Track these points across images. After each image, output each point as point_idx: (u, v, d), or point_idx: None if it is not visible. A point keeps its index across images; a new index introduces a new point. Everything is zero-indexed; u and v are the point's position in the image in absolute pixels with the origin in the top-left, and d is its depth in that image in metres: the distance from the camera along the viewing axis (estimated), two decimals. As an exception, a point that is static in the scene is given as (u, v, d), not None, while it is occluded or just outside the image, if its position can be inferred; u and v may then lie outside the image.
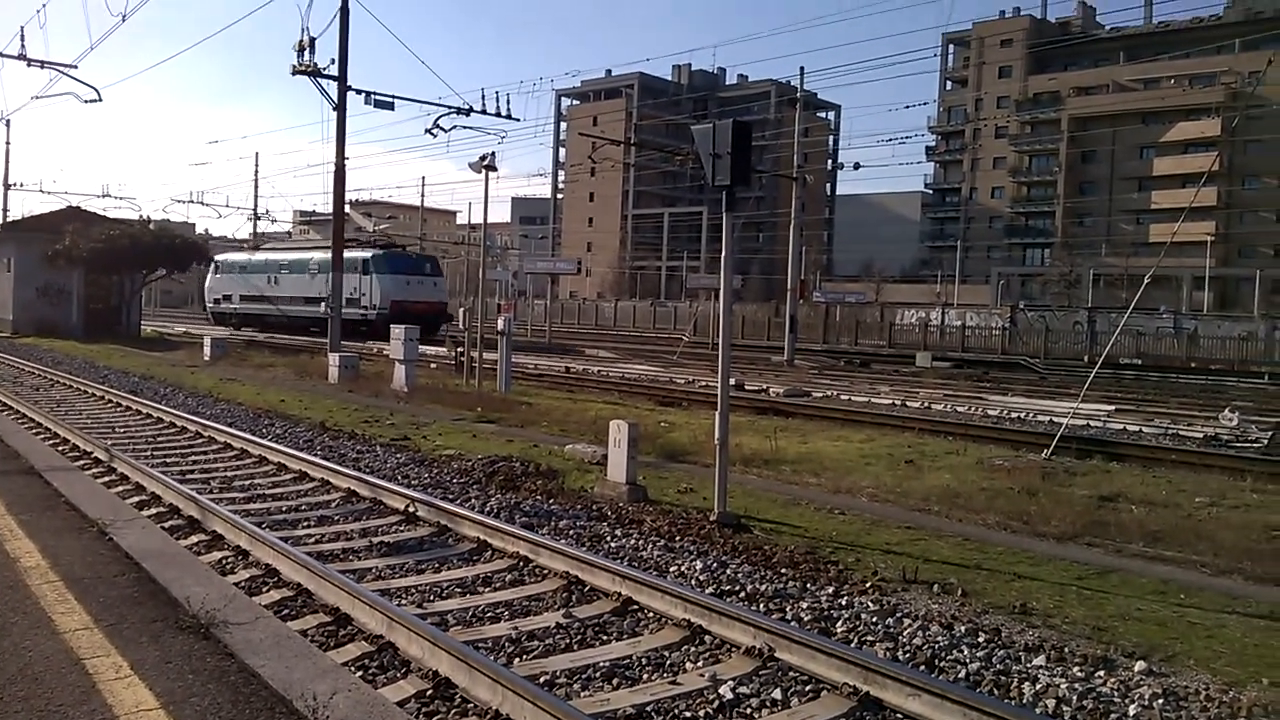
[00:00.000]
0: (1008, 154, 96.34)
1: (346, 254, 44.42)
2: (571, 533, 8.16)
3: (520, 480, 10.31)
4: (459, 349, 23.29)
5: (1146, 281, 13.73)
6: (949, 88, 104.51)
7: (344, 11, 23.80)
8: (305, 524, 8.39)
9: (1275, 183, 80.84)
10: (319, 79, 23.87)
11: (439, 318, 41.78)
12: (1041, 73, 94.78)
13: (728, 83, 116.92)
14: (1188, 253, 69.10)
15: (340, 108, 24.15)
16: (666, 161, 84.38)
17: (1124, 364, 34.53)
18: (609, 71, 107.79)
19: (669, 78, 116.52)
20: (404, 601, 6.25)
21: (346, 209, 40.21)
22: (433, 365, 25.23)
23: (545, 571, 6.98)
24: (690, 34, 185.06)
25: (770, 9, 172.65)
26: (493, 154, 21.21)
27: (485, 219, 22.27)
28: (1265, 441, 14.59)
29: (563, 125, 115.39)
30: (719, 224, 8.72)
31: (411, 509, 8.64)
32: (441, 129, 26.14)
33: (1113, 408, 19.52)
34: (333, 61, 23.94)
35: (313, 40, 23.53)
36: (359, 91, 24.64)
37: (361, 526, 8.32)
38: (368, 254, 42.07)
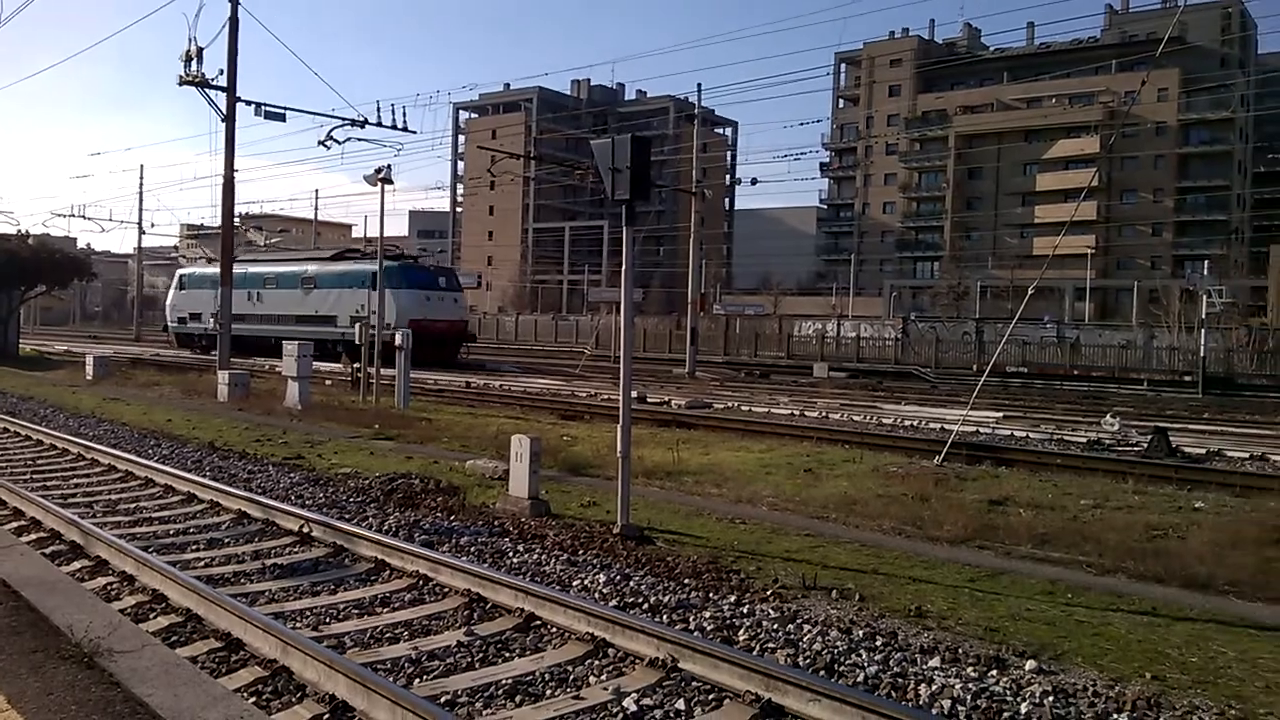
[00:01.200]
0: (898, 170, 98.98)
1: (351, 266, 38.43)
2: (473, 549, 8.06)
3: (420, 498, 10.15)
4: (354, 365, 22.89)
5: (1030, 292, 14.23)
6: (842, 105, 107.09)
7: (233, 21, 23.19)
8: (194, 547, 8.10)
9: (1150, 197, 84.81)
10: (207, 90, 23.21)
11: (461, 337, 37.04)
12: (929, 92, 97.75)
13: (627, 98, 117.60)
14: (1069, 265, 72.01)
15: (229, 119, 23.51)
16: (566, 176, 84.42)
17: (1011, 372, 35.72)
18: (507, 85, 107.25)
19: (568, 92, 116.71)
20: (299, 624, 6.07)
21: (236, 222, 39.01)
22: (328, 382, 24.69)
23: (446, 590, 6.87)
24: (589, 50, 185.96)
25: (668, 27, 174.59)
26: (389, 167, 20.89)
27: (381, 233, 21.90)
28: (1145, 445, 15.21)
29: (460, 138, 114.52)
30: (620, 238, 8.75)
31: (306, 529, 8.41)
32: (336, 141, 25.63)
33: (1001, 414, 20.16)
34: (221, 72, 23.29)
35: (200, 50, 22.86)
36: (248, 103, 23.99)
37: (254, 549, 8.07)
38: (372, 268, 37.65)
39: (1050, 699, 5.02)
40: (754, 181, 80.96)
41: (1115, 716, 4.85)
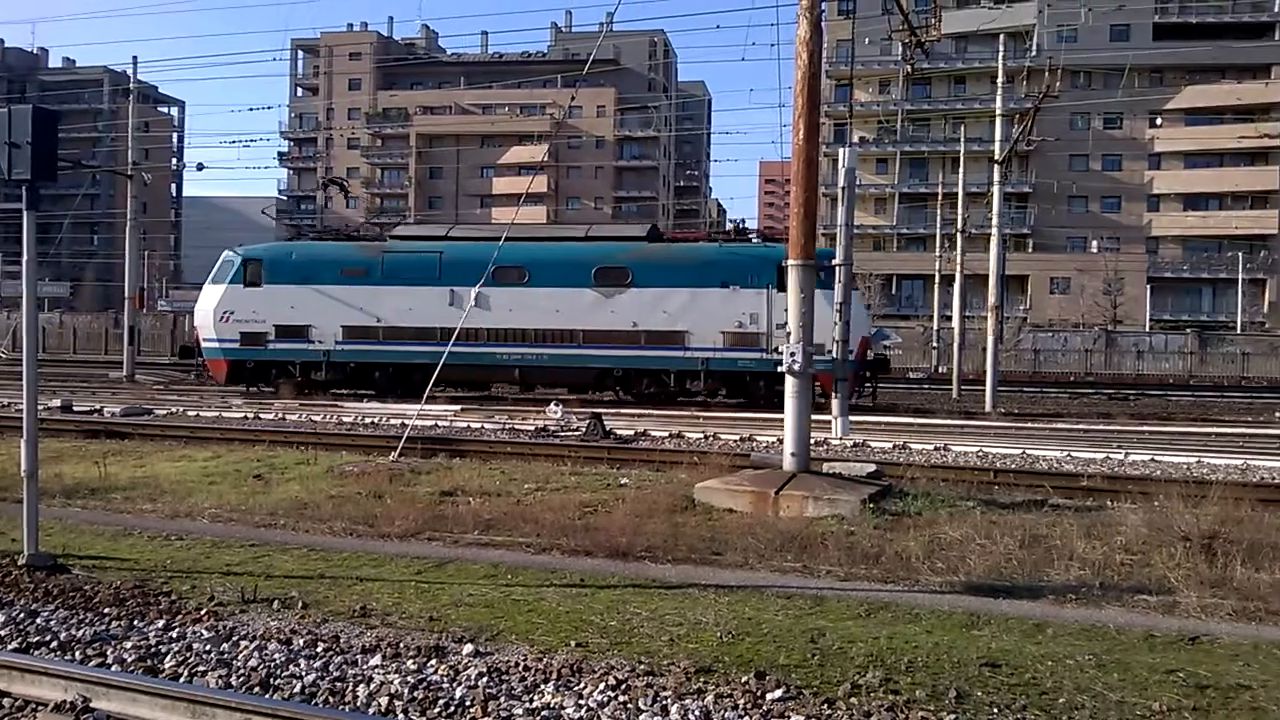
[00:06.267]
0: (361, 165, 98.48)
1: (727, 252, 23.00)
2: None
3: None
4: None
5: (476, 291, 14.85)
6: (300, 94, 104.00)
7: None
8: None
9: (592, 204, 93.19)
10: None
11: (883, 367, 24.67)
12: (390, 89, 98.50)
13: (51, 65, 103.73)
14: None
15: None
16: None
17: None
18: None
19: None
20: None
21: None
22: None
23: None
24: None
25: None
26: None
27: None
28: (583, 429, 16.63)
29: None
30: (40, 223, 7.54)
31: None
32: None
33: (459, 408, 20.87)
34: None
35: None
36: None
37: None
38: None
39: (485, 679, 5.24)
40: (200, 167, 75.16)
41: (543, 686, 5.17)
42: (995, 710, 4.87)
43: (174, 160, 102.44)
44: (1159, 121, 72.23)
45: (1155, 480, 11.76)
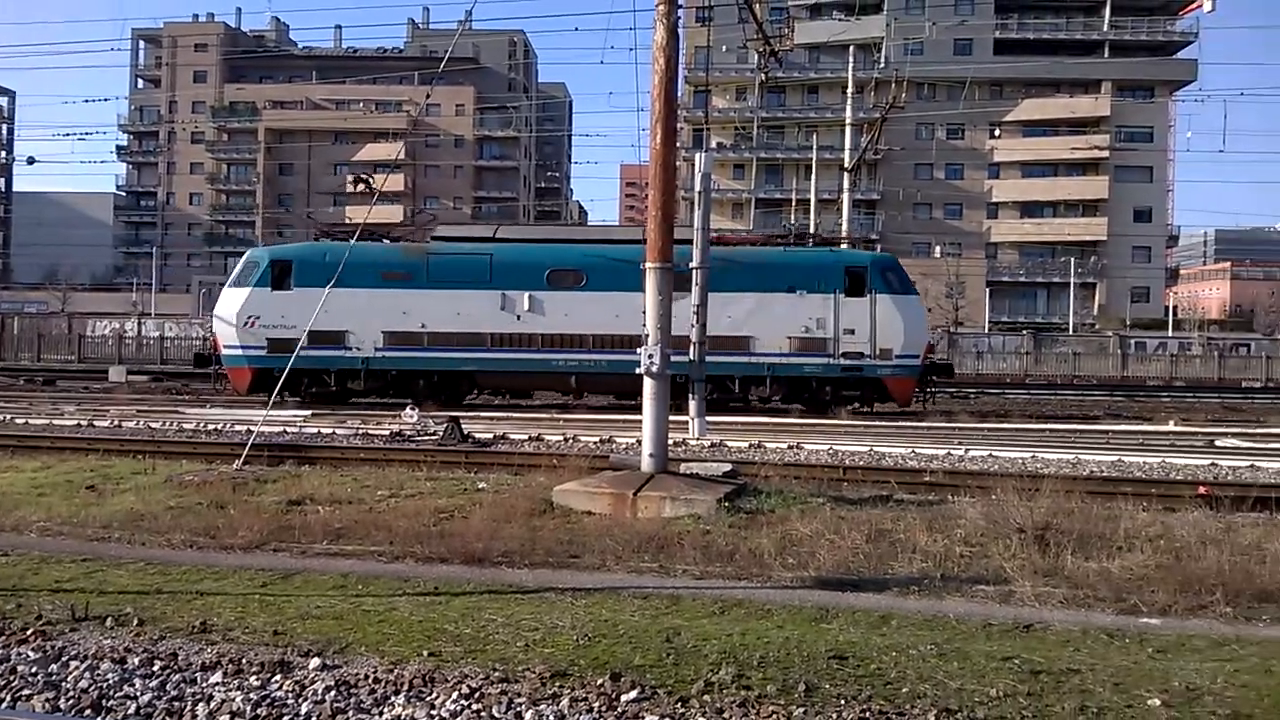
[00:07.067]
0: (206, 160, 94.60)
1: (794, 257, 23.33)
2: None
3: None
4: None
5: (327, 293, 14.43)
6: (141, 86, 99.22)
7: None
8: None
9: (451, 204, 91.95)
10: None
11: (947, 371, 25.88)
12: (237, 82, 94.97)
13: None
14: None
15: None
16: None
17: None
18: None
19: None
20: None
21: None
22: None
23: None
24: None
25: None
26: None
27: None
28: (441, 433, 16.37)
29: None
30: None
31: None
32: None
33: (309, 413, 20.27)
34: None
35: None
36: None
37: None
38: (863, 260, 23.64)
39: (332, 693, 5.08)
40: (31, 160, 71.08)
41: (394, 698, 5.05)
42: (842, 702, 5.00)
43: (2, 154, 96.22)
44: (998, 133, 76.02)
45: (993, 475, 12.34)
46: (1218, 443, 17.41)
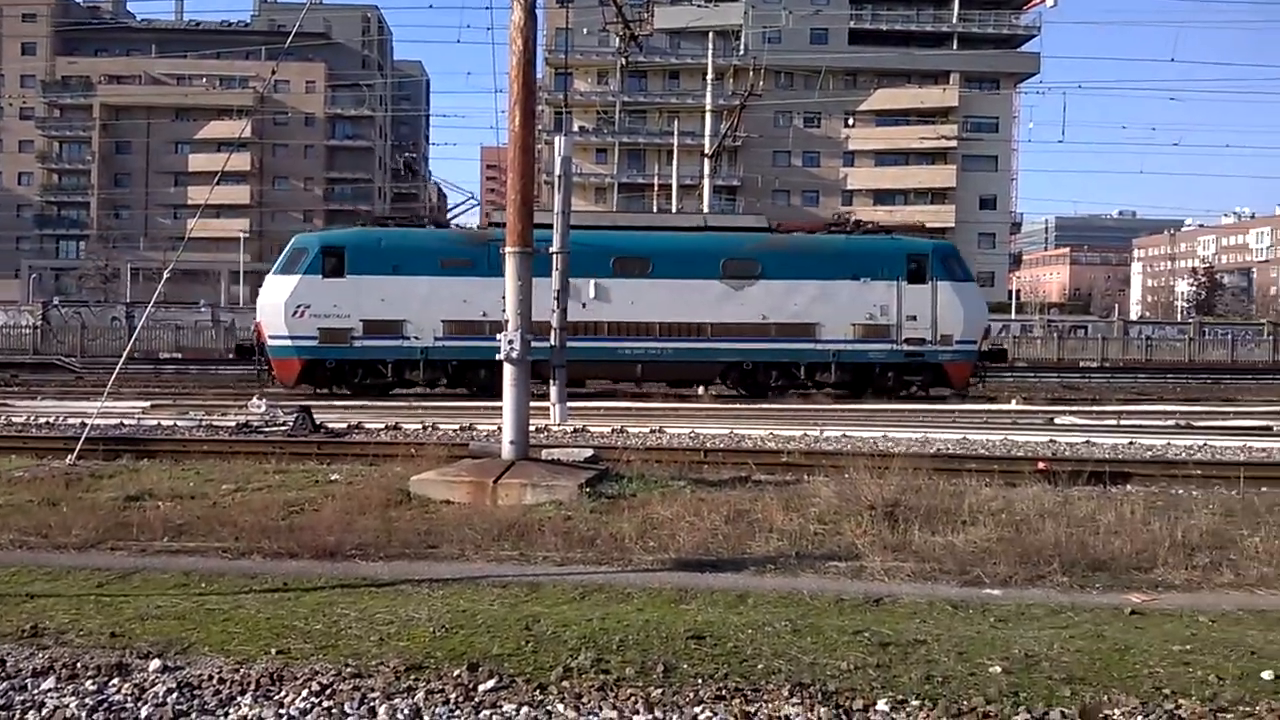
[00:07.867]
0: (36, 138, 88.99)
1: (857, 244, 23.69)
2: None
3: None
4: None
5: (167, 275, 13.78)
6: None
7: None
8: None
9: (302, 185, 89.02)
10: None
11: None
12: (70, 55, 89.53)
13: None
14: (225, 248, 72.15)
15: None
16: None
17: (165, 358, 34.65)
18: None
19: None
20: None
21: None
22: None
23: None
24: None
25: None
26: None
27: None
28: (290, 424, 15.84)
29: None
30: None
31: None
32: None
33: (149, 404, 19.32)
34: None
35: None
36: None
37: None
38: (924, 248, 23.65)
39: (174, 696, 4.85)
40: None
41: (240, 699, 4.85)
42: (700, 681, 5.05)
43: None
44: (852, 122, 78.32)
45: (847, 454, 12.68)
46: (1056, 420, 18.37)
